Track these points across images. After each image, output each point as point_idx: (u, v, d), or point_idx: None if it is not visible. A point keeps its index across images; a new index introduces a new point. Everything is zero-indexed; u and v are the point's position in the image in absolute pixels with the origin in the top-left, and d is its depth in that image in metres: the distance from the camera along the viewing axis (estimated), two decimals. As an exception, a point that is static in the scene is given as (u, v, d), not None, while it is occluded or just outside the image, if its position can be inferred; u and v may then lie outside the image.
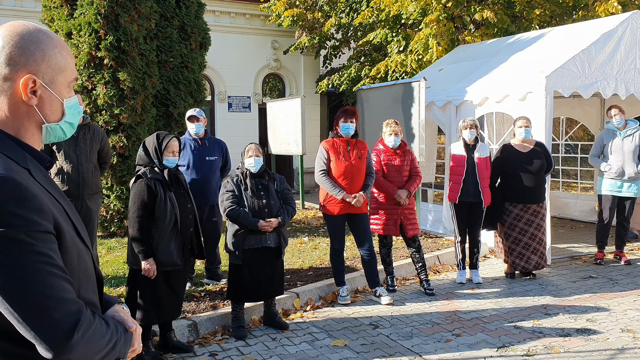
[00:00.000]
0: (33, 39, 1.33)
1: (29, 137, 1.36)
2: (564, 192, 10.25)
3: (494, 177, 6.23)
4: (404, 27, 11.93)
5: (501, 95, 7.11)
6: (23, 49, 1.31)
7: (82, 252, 1.38)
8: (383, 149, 5.84)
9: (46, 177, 1.38)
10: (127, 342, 1.43)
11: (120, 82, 7.27)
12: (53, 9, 7.63)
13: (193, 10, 8.21)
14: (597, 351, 4.26)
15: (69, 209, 1.39)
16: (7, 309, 1.18)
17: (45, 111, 1.36)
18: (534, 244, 6.12)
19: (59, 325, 1.19)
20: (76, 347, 1.21)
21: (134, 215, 4.01)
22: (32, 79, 1.31)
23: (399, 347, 4.42)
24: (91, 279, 1.43)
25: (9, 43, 1.30)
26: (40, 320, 1.18)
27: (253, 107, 14.53)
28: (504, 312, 5.18)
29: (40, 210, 1.22)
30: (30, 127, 1.36)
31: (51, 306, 1.19)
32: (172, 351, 4.29)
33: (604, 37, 6.92)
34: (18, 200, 1.19)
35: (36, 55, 1.32)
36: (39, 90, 1.33)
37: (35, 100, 1.33)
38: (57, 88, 1.37)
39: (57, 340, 1.19)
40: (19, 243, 1.17)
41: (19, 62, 1.30)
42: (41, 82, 1.33)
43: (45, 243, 1.21)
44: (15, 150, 1.31)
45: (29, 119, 1.35)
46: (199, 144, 5.68)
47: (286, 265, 6.07)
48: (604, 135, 6.88)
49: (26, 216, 1.19)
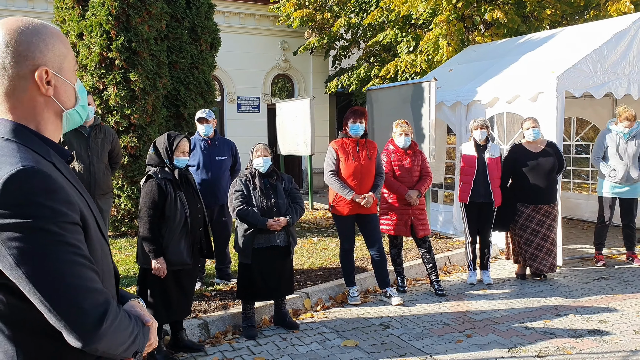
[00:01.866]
0: (33, 32, 1.34)
1: (49, 128, 1.39)
2: (575, 193, 10.18)
3: (505, 177, 6.20)
4: (413, 27, 11.91)
5: (512, 96, 7.07)
6: (28, 43, 1.32)
7: (104, 246, 1.42)
8: (393, 149, 5.83)
9: (69, 171, 1.40)
10: (145, 335, 1.45)
11: (131, 83, 7.30)
12: (64, 10, 7.69)
13: (203, 11, 8.24)
14: (609, 353, 4.22)
15: (90, 203, 1.41)
16: (38, 299, 1.20)
17: (61, 99, 1.40)
18: (547, 244, 6.08)
19: (88, 314, 1.22)
20: (104, 337, 1.24)
21: (144, 215, 4.04)
22: (45, 69, 1.33)
23: (410, 348, 4.41)
24: (110, 274, 1.46)
25: (11, 41, 1.31)
26: (70, 309, 1.20)
27: (262, 108, 14.55)
28: (515, 313, 5.15)
29: (68, 202, 1.25)
30: (50, 118, 1.39)
31: (81, 296, 1.21)
32: (183, 350, 4.31)
33: (616, 37, 6.86)
34: (47, 192, 1.22)
35: (41, 47, 1.34)
36: (52, 80, 1.36)
37: (51, 90, 1.36)
38: (66, 74, 1.40)
39: (86, 329, 1.21)
40: (49, 234, 1.20)
41: (27, 56, 1.32)
42: (52, 72, 1.35)
43: (74, 234, 1.24)
44: (40, 145, 1.33)
45: (48, 109, 1.38)
46: (209, 144, 5.71)
47: (296, 266, 6.08)
48: (606, 136, 6.75)
49: (55, 208, 1.21)
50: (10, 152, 1.26)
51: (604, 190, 6.78)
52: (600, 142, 6.81)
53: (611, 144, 6.68)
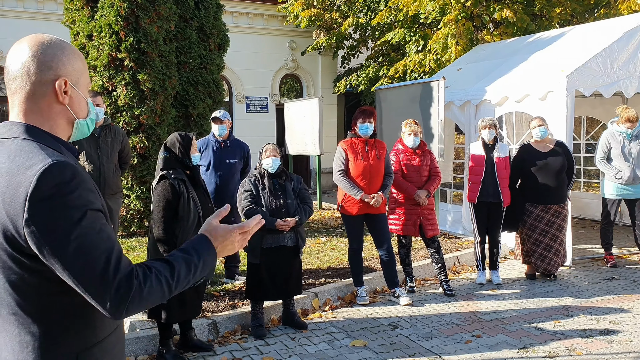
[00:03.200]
0: (58, 46, 1.49)
1: (60, 132, 1.52)
2: (585, 193, 10.11)
3: (514, 177, 6.17)
4: (422, 26, 11.88)
5: (521, 95, 7.04)
6: (52, 55, 1.46)
7: None
8: (402, 149, 5.82)
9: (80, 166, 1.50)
10: (208, 261, 1.54)
11: (140, 83, 7.34)
12: (74, 11, 7.73)
13: (212, 12, 8.26)
14: (620, 353, 4.19)
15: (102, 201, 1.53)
16: (72, 279, 1.33)
17: (75, 108, 1.53)
18: (555, 245, 6.04)
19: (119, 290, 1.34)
20: (131, 307, 1.37)
21: (158, 215, 4.04)
22: (64, 80, 1.48)
23: (419, 348, 4.40)
24: None
25: (38, 51, 1.45)
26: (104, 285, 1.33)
27: (271, 108, 14.57)
28: (524, 314, 5.13)
29: (93, 192, 1.39)
30: (61, 124, 1.52)
31: (113, 271, 1.35)
32: (192, 350, 4.32)
33: (627, 35, 6.81)
34: (78, 183, 1.35)
35: (64, 60, 1.48)
36: (69, 91, 1.50)
37: (67, 99, 1.50)
38: (82, 88, 1.55)
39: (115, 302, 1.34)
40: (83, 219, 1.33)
41: (51, 66, 1.46)
42: (70, 84, 1.50)
43: (101, 219, 1.39)
44: (54, 144, 1.46)
45: (62, 117, 1.52)
46: (221, 146, 5.73)
47: (304, 266, 6.09)
48: (609, 137, 6.67)
49: (85, 196, 1.36)
50: (34, 149, 1.38)
51: (607, 192, 6.70)
52: (603, 143, 6.71)
53: (615, 144, 6.60)
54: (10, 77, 1.45)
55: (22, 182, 1.30)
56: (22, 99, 1.45)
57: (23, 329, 1.38)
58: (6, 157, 1.36)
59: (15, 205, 1.29)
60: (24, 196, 1.29)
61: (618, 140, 6.58)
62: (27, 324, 1.38)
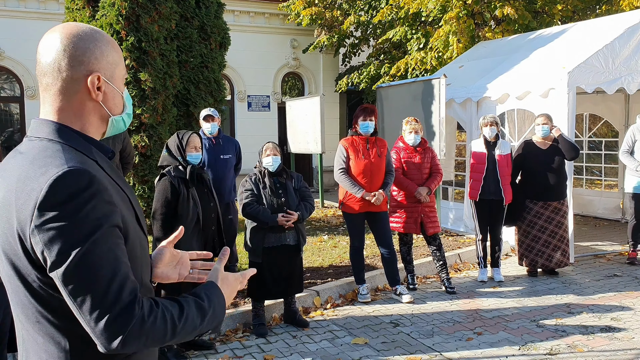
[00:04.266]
0: (90, 38, 1.38)
1: (92, 131, 1.43)
2: (588, 190, 10.09)
3: (515, 174, 6.17)
4: (423, 24, 11.85)
5: (522, 92, 7.03)
6: (84, 49, 1.37)
7: (143, 240, 1.45)
8: (403, 147, 5.82)
9: (111, 167, 1.44)
10: (217, 313, 1.43)
11: (141, 83, 7.34)
12: (75, 10, 7.74)
13: (213, 10, 8.25)
14: (621, 350, 4.19)
15: (131, 196, 1.45)
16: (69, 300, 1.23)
17: (109, 105, 1.44)
18: (554, 241, 6.04)
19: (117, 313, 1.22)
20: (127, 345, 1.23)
21: (157, 213, 4.07)
22: (97, 76, 1.38)
23: (420, 346, 4.40)
24: (149, 266, 1.52)
25: (69, 45, 1.35)
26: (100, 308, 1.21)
27: (272, 106, 14.57)
28: (526, 311, 5.12)
29: (110, 203, 1.28)
30: (95, 122, 1.43)
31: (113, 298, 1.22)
32: (194, 348, 4.33)
33: (629, 32, 6.79)
34: (94, 193, 1.25)
35: (96, 54, 1.38)
36: (103, 86, 1.40)
37: (101, 96, 1.40)
38: (117, 82, 1.44)
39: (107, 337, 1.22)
40: (91, 234, 1.22)
41: (82, 61, 1.36)
42: (104, 79, 1.40)
43: (113, 237, 1.27)
44: (84, 145, 1.37)
45: (95, 114, 1.42)
46: (213, 143, 5.75)
47: (306, 264, 6.09)
48: (635, 130, 6.67)
49: (99, 208, 1.24)
50: (54, 153, 1.29)
51: (628, 186, 6.66)
52: (628, 137, 6.72)
53: (638, 136, 6.60)
54: (42, 72, 1.36)
55: (35, 189, 1.22)
56: (53, 96, 1.36)
57: (48, 338, 1.31)
58: (28, 160, 1.29)
59: (25, 213, 1.22)
60: (34, 204, 1.21)
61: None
62: (52, 333, 1.31)
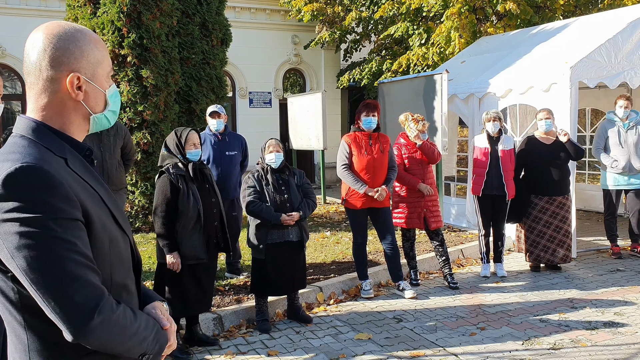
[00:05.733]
0: (70, 38, 1.40)
1: (74, 129, 1.45)
2: (590, 185, 10.08)
3: (518, 169, 6.16)
4: (425, 19, 11.83)
5: (525, 87, 7.01)
6: (63, 49, 1.39)
7: (117, 237, 1.44)
8: (404, 143, 5.81)
9: (84, 166, 1.44)
10: (160, 339, 1.47)
11: (143, 80, 7.35)
12: (77, 7, 7.74)
13: (214, 7, 8.25)
14: (625, 345, 4.19)
15: (106, 196, 1.45)
16: (33, 291, 1.24)
17: (90, 104, 1.46)
18: (559, 236, 6.04)
19: (77, 308, 1.24)
20: (95, 332, 1.26)
21: (157, 210, 4.08)
22: (77, 76, 1.40)
23: (423, 341, 4.41)
24: (126, 264, 1.49)
25: (49, 45, 1.38)
26: (60, 302, 1.24)
27: (274, 103, 14.56)
28: (529, 306, 5.13)
29: (67, 198, 1.28)
30: (76, 120, 1.45)
31: (71, 290, 1.24)
32: (197, 344, 4.35)
33: (631, 26, 6.77)
34: (45, 189, 1.25)
35: (76, 53, 1.40)
36: (83, 86, 1.42)
37: (81, 95, 1.43)
38: (98, 80, 1.46)
39: (75, 322, 1.24)
40: (45, 229, 1.23)
41: (62, 62, 1.39)
42: (84, 78, 1.42)
43: (70, 230, 1.27)
44: (54, 141, 1.39)
45: (76, 112, 1.45)
46: (219, 139, 5.75)
47: (309, 260, 6.10)
48: (606, 126, 6.73)
49: (52, 203, 1.25)
50: (17, 149, 1.32)
51: (608, 183, 6.73)
52: (600, 133, 6.78)
53: (611, 134, 6.65)
54: (26, 72, 1.41)
55: None
56: (36, 95, 1.40)
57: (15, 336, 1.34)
58: None
59: None
60: None
61: (615, 130, 6.64)
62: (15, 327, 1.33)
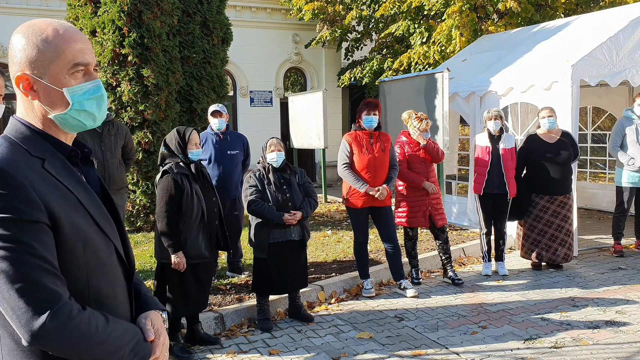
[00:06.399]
0: (22, 36, 1.34)
1: (55, 129, 1.39)
2: (592, 183, 10.07)
3: (520, 168, 6.15)
4: (426, 18, 11.81)
5: (526, 85, 7.00)
6: (17, 48, 1.34)
7: (94, 241, 1.37)
8: (406, 141, 5.81)
9: (65, 167, 1.37)
10: (141, 351, 1.40)
11: (144, 79, 7.34)
12: (77, 7, 7.74)
13: (214, 6, 8.25)
14: (627, 343, 4.19)
15: (87, 199, 1.38)
16: None
17: (46, 103, 1.36)
18: (561, 235, 6.03)
19: (28, 312, 1.21)
20: (50, 336, 1.22)
21: (161, 210, 4.06)
22: (24, 76, 1.34)
23: (425, 340, 4.41)
24: (108, 270, 1.42)
25: (10, 45, 1.36)
26: (13, 305, 1.21)
27: (275, 102, 14.56)
28: (530, 304, 5.12)
29: (28, 200, 1.23)
30: (46, 121, 1.38)
31: (22, 293, 1.21)
32: (199, 343, 4.35)
33: (633, 24, 6.76)
34: (5, 190, 1.22)
35: (27, 51, 1.33)
36: (34, 85, 1.34)
37: (33, 94, 1.35)
38: (53, 78, 1.34)
39: (27, 326, 1.21)
40: (1, 230, 1.21)
41: (14, 62, 1.34)
42: (34, 77, 1.33)
43: (28, 232, 1.23)
44: (33, 141, 1.34)
45: (41, 112, 1.37)
46: (221, 138, 5.74)
47: (310, 259, 6.10)
48: (623, 123, 6.67)
49: (12, 205, 1.22)
50: None
51: (623, 180, 6.68)
52: (617, 131, 6.71)
53: (629, 132, 6.59)
54: None
55: None
56: (18, 95, 1.38)
57: None
58: None
59: None
60: None
61: (633, 128, 6.58)
62: None
